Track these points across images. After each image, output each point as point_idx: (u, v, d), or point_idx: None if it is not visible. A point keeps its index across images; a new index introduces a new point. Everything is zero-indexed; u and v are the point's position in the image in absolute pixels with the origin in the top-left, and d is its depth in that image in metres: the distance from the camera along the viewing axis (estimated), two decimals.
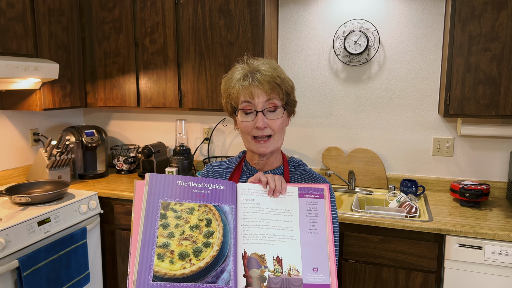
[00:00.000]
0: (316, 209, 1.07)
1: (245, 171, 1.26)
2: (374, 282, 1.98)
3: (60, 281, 2.02)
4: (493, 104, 1.99)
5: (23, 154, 2.65)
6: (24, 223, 1.89)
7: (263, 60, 1.17)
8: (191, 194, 1.01)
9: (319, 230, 1.04)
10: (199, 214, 1.00)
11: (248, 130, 1.14)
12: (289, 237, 1.03)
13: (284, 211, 1.06)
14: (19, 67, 2.04)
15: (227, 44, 2.35)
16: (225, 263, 0.96)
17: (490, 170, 2.34)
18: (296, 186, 1.09)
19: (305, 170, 1.26)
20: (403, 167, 2.49)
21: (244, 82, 1.11)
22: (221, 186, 1.04)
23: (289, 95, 1.16)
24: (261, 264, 0.98)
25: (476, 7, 1.95)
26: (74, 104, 2.64)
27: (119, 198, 2.39)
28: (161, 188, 0.99)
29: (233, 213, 1.03)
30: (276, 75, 1.11)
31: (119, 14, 2.54)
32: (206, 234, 0.98)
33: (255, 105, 1.11)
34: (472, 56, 1.99)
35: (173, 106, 2.53)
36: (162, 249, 0.94)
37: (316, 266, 1.00)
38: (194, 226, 0.98)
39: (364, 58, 2.44)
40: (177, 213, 0.98)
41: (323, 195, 1.09)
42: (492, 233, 1.76)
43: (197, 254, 0.96)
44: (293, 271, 0.99)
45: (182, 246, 0.96)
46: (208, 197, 1.02)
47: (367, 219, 1.93)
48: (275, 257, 1.00)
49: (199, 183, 1.03)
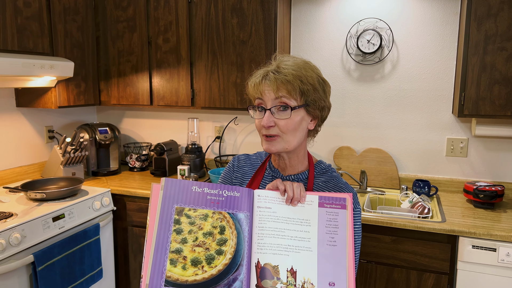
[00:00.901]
0: (337, 220, 1.02)
1: (268, 172, 1.23)
2: (385, 283, 1.97)
3: (74, 276, 2.05)
4: (509, 104, 1.96)
5: (38, 151, 2.69)
6: (39, 218, 1.92)
7: (292, 57, 1.12)
8: (206, 201, 1.00)
9: (339, 242, 0.99)
10: (213, 221, 0.99)
11: (258, 128, 1.12)
12: (306, 249, 0.98)
13: (302, 221, 1.01)
14: (35, 65, 2.08)
15: (239, 43, 2.35)
16: (238, 272, 0.95)
17: (504, 171, 2.30)
18: (317, 195, 1.04)
19: (331, 177, 1.19)
20: (416, 168, 2.47)
21: (257, 80, 1.09)
22: (236, 193, 1.02)
23: (308, 95, 1.07)
24: (274, 275, 0.95)
25: (492, 6, 1.93)
26: (88, 102, 2.67)
27: (131, 195, 2.41)
28: (175, 193, 0.99)
29: (248, 221, 1.00)
30: (290, 73, 1.05)
31: (133, 13, 2.57)
32: (219, 241, 0.97)
33: (265, 102, 1.08)
34: (488, 55, 1.96)
35: (186, 105, 2.54)
36: (175, 254, 0.94)
37: (333, 281, 0.96)
38: (207, 233, 0.98)
39: (377, 57, 2.43)
40: (191, 219, 0.98)
41: (345, 205, 1.03)
42: (506, 235, 1.74)
43: (209, 261, 0.95)
44: (308, 285, 0.95)
45: (194, 253, 0.96)
46: (223, 204, 1.01)
47: (379, 219, 1.92)
48: (289, 268, 0.96)
49: (214, 189, 1.01)
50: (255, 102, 1.12)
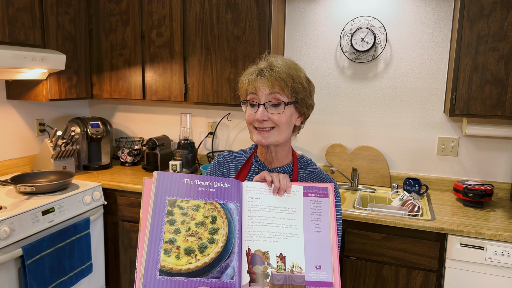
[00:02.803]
0: (320, 208, 1.08)
1: (255, 165, 1.28)
2: (374, 280, 1.98)
3: (63, 270, 2.04)
4: (499, 105, 1.98)
5: (28, 144, 2.67)
6: (29, 212, 1.91)
7: (282, 58, 1.19)
8: (197, 192, 1.04)
9: (323, 228, 1.06)
10: (205, 211, 1.02)
11: (250, 121, 1.17)
12: (293, 235, 1.04)
13: (289, 210, 1.07)
14: (26, 57, 2.05)
15: (233, 39, 2.34)
16: (230, 259, 0.99)
17: (494, 171, 2.33)
18: (301, 185, 1.11)
19: (313, 169, 1.27)
20: (407, 166, 2.49)
21: (252, 76, 1.15)
22: (226, 185, 1.07)
23: (298, 93, 1.16)
24: (264, 261, 1.00)
25: (485, 6, 1.94)
26: (80, 95, 2.65)
27: (122, 190, 2.40)
28: (168, 185, 1.02)
29: (238, 211, 1.05)
30: (283, 72, 1.13)
31: (126, 7, 2.55)
32: (211, 230, 1.01)
33: (259, 97, 1.14)
34: (480, 55, 1.98)
35: (178, 100, 2.53)
36: (168, 244, 0.97)
37: (319, 264, 1.02)
38: (199, 223, 1.01)
39: (371, 55, 2.43)
40: (183, 210, 1.01)
41: (328, 194, 1.10)
42: (494, 234, 1.76)
43: (202, 250, 0.98)
44: (296, 268, 1.00)
45: (188, 242, 0.99)
46: (214, 195, 1.04)
47: (369, 216, 1.93)
48: (278, 254, 1.01)
49: (205, 181, 1.05)
50: (247, 97, 1.18)
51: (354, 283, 2.02)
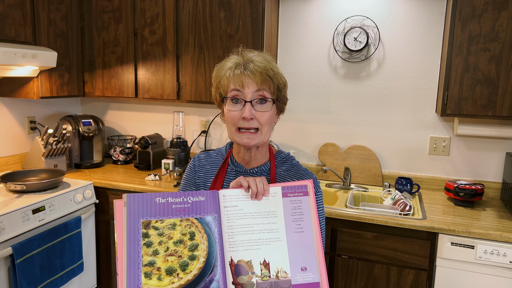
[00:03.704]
0: (301, 207, 1.06)
1: (231, 167, 1.23)
2: (366, 278, 1.99)
3: (54, 269, 2.03)
4: (490, 105, 2.00)
5: (19, 141, 2.64)
6: (19, 210, 1.89)
7: (258, 53, 1.14)
8: (171, 210, 1.01)
9: (305, 228, 1.04)
10: (182, 229, 1.00)
11: (234, 121, 1.11)
12: (275, 239, 1.02)
13: (269, 213, 1.05)
14: (17, 54, 2.03)
15: (226, 37, 2.34)
16: (213, 273, 0.97)
17: (485, 170, 2.35)
18: (279, 186, 1.07)
19: (292, 165, 1.24)
20: (399, 165, 2.50)
21: (236, 71, 1.08)
22: (201, 198, 1.03)
23: (281, 90, 1.13)
24: (248, 270, 0.98)
25: (476, 7, 1.95)
26: (72, 93, 2.63)
27: (114, 189, 2.39)
28: (139, 207, 0.99)
29: (216, 223, 1.02)
30: (269, 68, 1.09)
31: (119, 4, 2.53)
32: (191, 247, 0.99)
33: (244, 94, 1.08)
34: (471, 56, 1.99)
35: (171, 98, 2.52)
36: (148, 267, 0.96)
37: (304, 266, 1.01)
38: (178, 241, 0.99)
39: (364, 55, 2.44)
40: (159, 231, 0.99)
41: (307, 192, 1.08)
42: (485, 233, 1.77)
43: (183, 268, 0.97)
44: (281, 273, 0.99)
45: (168, 262, 0.97)
46: (189, 210, 1.02)
47: (361, 215, 1.94)
48: (262, 261, 1.00)
49: (178, 197, 1.02)
50: (228, 94, 1.11)
51: (345, 282, 2.03)
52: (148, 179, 2.43)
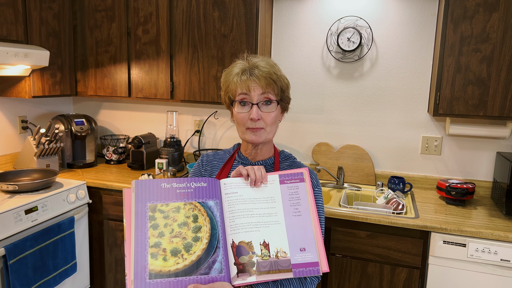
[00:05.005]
0: (298, 192, 1.13)
1: (238, 160, 1.33)
2: (359, 277, 2.01)
3: (47, 270, 2.01)
4: (481, 105, 2.02)
5: (11, 141, 2.62)
6: (11, 211, 1.87)
7: (262, 58, 1.24)
8: (176, 194, 1.07)
9: (303, 212, 1.10)
10: (185, 212, 1.05)
11: (243, 121, 1.21)
12: (274, 222, 1.08)
13: (267, 199, 1.11)
14: (9, 53, 2.01)
15: (220, 37, 2.34)
16: (216, 254, 1.02)
17: (476, 170, 2.38)
18: (277, 174, 1.15)
19: (293, 162, 1.33)
20: (392, 164, 2.52)
21: (242, 77, 1.19)
22: (203, 184, 1.10)
23: (284, 91, 1.24)
24: (249, 251, 1.03)
25: (468, 8, 1.97)
26: (64, 92, 2.61)
27: (107, 188, 2.37)
28: (146, 192, 1.06)
29: (218, 207, 1.08)
30: (272, 72, 1.19)
31: (112, 3, 2.51)
32: (194, 229, 1.04)
33: (251, 97, 1.18)
34: (463, 56, 2.02)
35: (165, 97, 2.51)
36: (154, 248, 1.00)
37: (303, 246, 1.06)
38: (182, 224, 1.04)
39: (357, 55, 2.46)
40: (164, 213, 1.04)
41: (303, 179, 1.15)
42: (476, 231, 1.80)
43: (188, 249, 1.01)
44: (281, 253, 1.04)
45: (173, 243, 1.01)
46: (192, 195, 1.08)
47: (354, 214, 1.95)
48: (262, 242, 1.05)
49: (182, 183, 1.09)
50: (237, 97, 1.21)
51: (339, 281, 2.04)
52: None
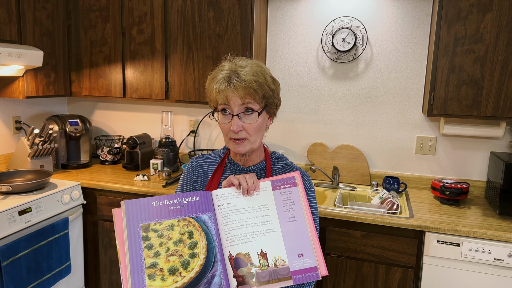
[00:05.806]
0: (292, 197, 1.11)
1: (228, 166, 1.29)
2: (354, 277, 2.01)
3: (41, 271, 2.00)
4: (475, 105, 2.04)
5: (4, 142, 2.60)
6: (4, 212, 1.86)
7: (247, 62, 1.17)
8: (168, 212, 1.05)
9: (298, 217, 1.09)
10: (180, 229, 1.04)
11: (225, 131, 1.17)
12: (270, 230, 1.07)
13: (261, 207, 1.09)
14: (2, 53, 2.00)
15: (215, 37, 2.34)
16: (214, 269, 1.01)
17: (470, 169, 2.39)
18: (269, 180, 1.13)
19: (286, 164, 1.30)
20: (386, 164, 2.53)
21: (221, 86, 1.12)
22: (195, 198, 1.08)
23: (269, 98, 1.16)
24: (247, 262, 1.02)
25: (462, 9, 1.99)
26: (58, 92, 2.59)
27: (102, 189, 2.36)
28: (138, 212, 1.03)
29: (212, 220, 1.06)
30: (253, 80, 1.11)
31: (106, 3, 2.50)
32: (190, 245, 1.02)
33: (231, 108, 1.13)
34: (457, 57, 2.03)
35: (160, 98, 2.51)
36: (151, 269, 0.98)
37: (300, 252, 1.05)
38: (177, 241, 1.02)
39: (352, 55, 2.46)
40: (158, 233, 1.02)
41: (296, 183, 1.13)
42: (470, 231, 1.81)
43: (185, 266, 1.00)
44: (279, 262, 1.03)
45: (170, 262, 1.00)
46: (185, 210, 1.06)
47: (349, 214, 1.96)
48: (259, 252, 1.04)
49: (174, 199, 1.06)
50: (218, 107, 1.17)
51: (334, 281, 2.05)
52: (136, 180, 2.41)
